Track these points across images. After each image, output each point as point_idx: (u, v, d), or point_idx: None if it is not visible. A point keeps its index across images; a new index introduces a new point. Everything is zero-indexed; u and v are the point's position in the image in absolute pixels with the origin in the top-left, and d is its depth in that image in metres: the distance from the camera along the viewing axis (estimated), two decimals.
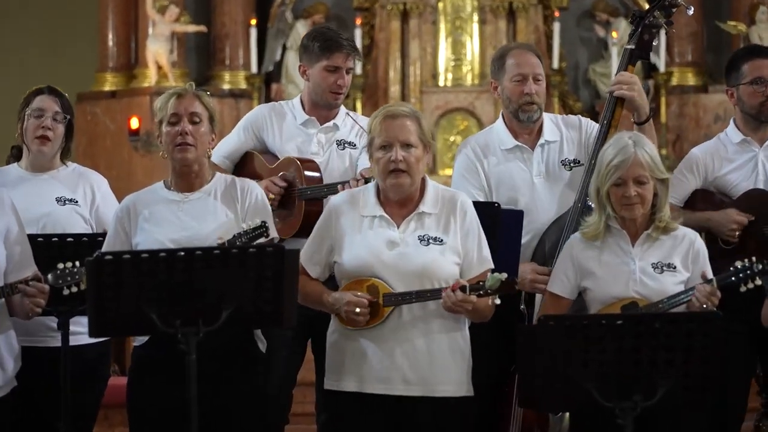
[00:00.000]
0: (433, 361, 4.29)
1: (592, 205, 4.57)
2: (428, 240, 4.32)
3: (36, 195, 5.02)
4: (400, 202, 4.36)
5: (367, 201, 4.39)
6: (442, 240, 4.33)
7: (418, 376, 4.27)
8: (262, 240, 4.35)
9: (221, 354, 4.24)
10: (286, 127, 5.30)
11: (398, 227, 4.33)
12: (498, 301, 4.28)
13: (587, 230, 4.51)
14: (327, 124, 5.28)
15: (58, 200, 5.05)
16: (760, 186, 5.19)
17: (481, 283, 4.21)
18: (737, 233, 5.04)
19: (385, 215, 4.35)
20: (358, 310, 4.23)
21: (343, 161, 5.24)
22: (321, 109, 5.29)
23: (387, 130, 4.31)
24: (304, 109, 5.32)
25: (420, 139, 4.32)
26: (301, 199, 5.09)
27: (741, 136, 5.29)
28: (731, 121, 5.38)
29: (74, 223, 4.96)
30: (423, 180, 4.40)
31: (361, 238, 4.34)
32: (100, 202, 5.07)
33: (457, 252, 4.33)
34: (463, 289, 4.19)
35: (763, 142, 5.26)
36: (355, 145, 5.22)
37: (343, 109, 5.38)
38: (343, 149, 5.22)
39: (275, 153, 5.27)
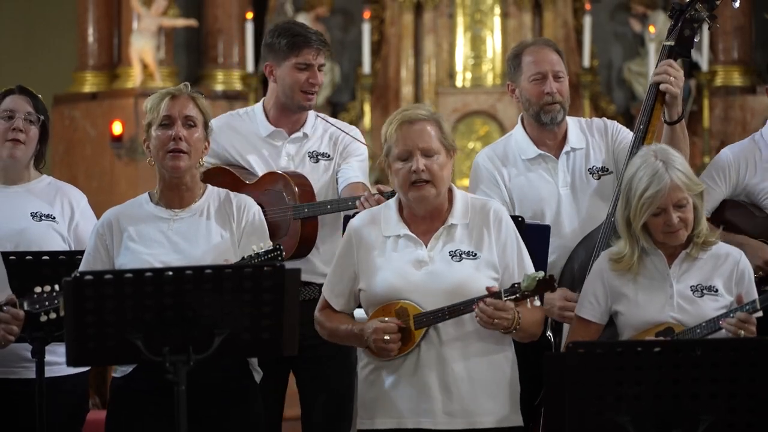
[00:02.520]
0: (475, 388, 4.29)
1: (621, 236, 4.57)
2: (460, 255, 4.33)
3: (9, 209, 5.03)
4: (426, 217, 4.35)
5: (389, 219, 4.39)
6: (475, 254, 4.33)
7: (460, 406, 4.28)
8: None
9: (212, 386, 4.27)
10: (245, 139, 5.28)
11: (426, 245, 4.34)
12: (538, 303, 4.27)
13: (618, 263, 4.51)
14: (296, 134, 5.27)
15: (33, 215, 5.04)
16: None
17: (516, 285, 4.21)
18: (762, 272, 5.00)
19: (411, 233, 4.35)
20: (387, 337, 4.22)
21: (320, 175, 5.22)
22: (290, 114, 5.28)
23: (405, 138, 4.29)
24: (268, 118, 5.30)
25: (442, 143, 4.32)
26: (296, 218, 5.08)
27: None
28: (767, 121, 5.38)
29: (51, 240, 4.96)
30: (450, 190, 4.41)
31: (385, 261, 4.34)
32: (80, 218, 5.06)
33: (493, 266, 4.33)
34: (496, 295, 4.19)
35: None
36: (329, 155, 5.22)
37: (312, 114, 5.35)
38: (317, 162, 5.22)
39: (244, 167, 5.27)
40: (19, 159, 5.08)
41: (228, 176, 5.17)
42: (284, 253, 4.43)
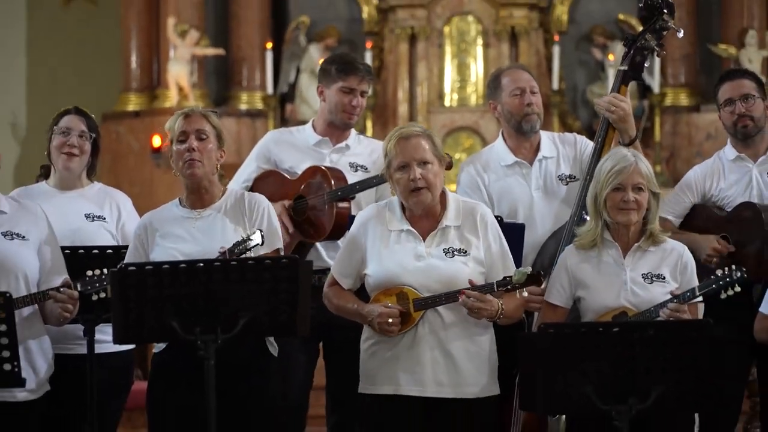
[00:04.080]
0: (462, 363, 4.30)
1: (587, 218, 4.59)
2: (453, 252, 4.33)
3: (66, 211, 4.99)
4: (423, 216, 4.37)
5: (393, 216, 4.39)
6: (465, 251, 4.34)
7: (449, 378, 4.29)
8: (252, 247, 4.32)
9: (236, 358, 4.24)
10: (297, 148, 5.29)
11: (424, 241, 4.35)
12: (525, 294, 4.32)
13: (583, 239, 4.51)
14: (339, 145, 5.27)
15: (86, 216, 5.02)
16: (755, 200, 5.19)
17: (507, 278, 4.23)
18: (714, 260, 5.00)
19: (412, 229, 4.35)
20: (390, 320, 4.24)
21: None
22: (335, 129, 5.28)
23: (403, 151, 4.31)
24: (315, 131, 5.30)
25: (434, 155, 4.33)
26: (333, 200, 5.07)
27: (735, 153, 5.28)
28: (728, 140, 5.40)
29: (101, 238, 4.93)
30: (443, 194, 4.41)
31: (388, 252, 4.35)
32: (126, 219, 5.04)
33: (480, 262, 4.34)
34: (491, 286, 4.23)
35: (756, 158, 5.24)
36: (367, 168, 5.20)
37: (354, 132, 5.37)
38: (356, 171, 5.20)
39: (293, 172, 5.27)
40: (72, 170, 5.07)
41: (277, 176, 5.24)
42: (256, 238, 4.34)
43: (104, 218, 5.04)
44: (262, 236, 4.33)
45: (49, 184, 5.15)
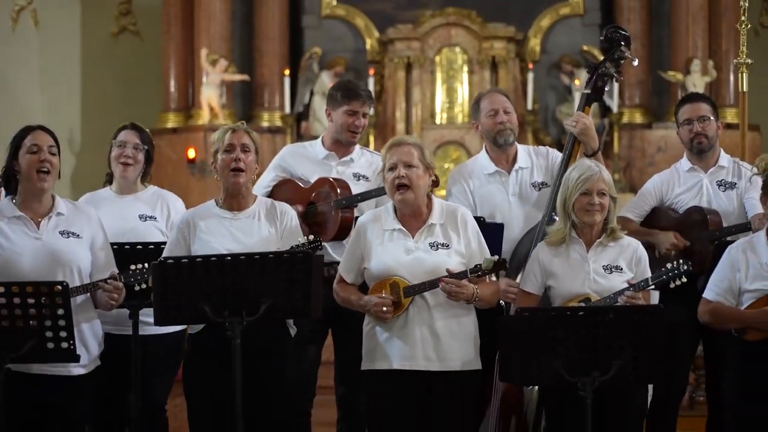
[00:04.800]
0: (447, 341, 4.29)
1: (557, 218, 4.58)
2: (437, 246, 4.33)
3: (123, 213, 4.99)
4: (411, 216, 4.36)
5: (387, 217, 4.39)
6: (448, 245, 4.33)
7: (437, 354, 4.28)
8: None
9: (260, 338, 4.22)
10: (309, 160, 5.28)
11: (413, 237, 4.34)
12: (494, 279, 4.33)
13: (553, 236, 4.50)
14: (344, 158, 5.25)
15: (140, 217, 5.02)
16: (704, 204, 5.20)
17: (478, 266, 4.23)
18: (673, 252, 5.01)
19: (402, 228, 4.35)
20: (384, 309, 4.25)
21: (359, 191, 5.18)
22: (341, 145, 5.27)
23: (393, 155, 4.34)
24: (324, 146, 5.28)
25: (421, 161, 4.33)
26: (337, 208, 5.06)
27: (690, 164, 5.31)
28: (684, 153, 5.40)
29: (152, 236, 4.90)
30: (430, 198, 4.41)
31: (383, 248, 4.35)
32: (175, 218, 5.00)
33: (461, 254, 4.33)
34: (465, 273, 4.22)
35: (707, 169, 5.27)
36: (368, 178, 5.18)
37: (358, 147, 5.35)
38: (359, 180, 5.19)
39: (305, 180, 5.28)
40: (128, 177, 5.07)
41: (291, 184, 5.22)
42: (319, 241, 4.44)
43: (155, 218, 5.03)
44: (320, 241, 4.42)
45: (111, 190, 5.15)
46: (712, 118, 5.29)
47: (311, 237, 4.42)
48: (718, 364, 5.03)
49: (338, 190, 5.08)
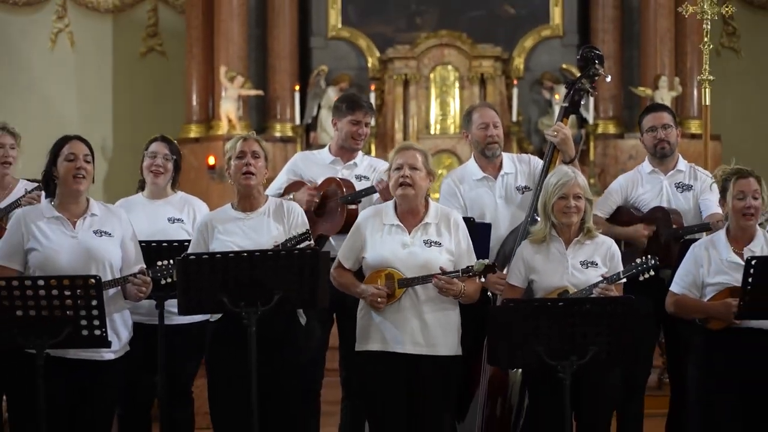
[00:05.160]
0: (434, 329, 4.29)
1: (538, 219, 4.58)
2: (430, 243, 4.33)
3: (153, 216, 4.99)
4: (409, 214, 4.36)
5: (388, 213, 4.39)
6: (440, 243, 4.33)
7: (425, 340, 4.27)
8: (305, 243, 4.34)
9: (273, 326, 4.22)
10: (317, 165, 5.28)
11: (409, 233, 4.34)
12: (483, 280, 4.32)
13: (535, 235, 4.50)
14: (349, 163, 5.26)
15: (169, 219, 5.01)
16: (664, 204, 5.20)
17: (470, 267, 4.23)
18: (645, 242, 5.05)
19: (401, 224, 4.35)
20: (379, 299, 4.24)
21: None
22: (345, 151, 5.27)
23: (401, 157, 4.36)
24: (330, 152, 5.30)
25: (423, 166, 4.35)
26: (343, 203, 5.06)
27: (651, 168, 5.30)
28: (646, 157, 5.40)
29: (180, 236, 4.89)
30: (427, 200, 4.41)
31: (382, 241, 4.34)
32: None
33: (450, 252, 4.32)
34: (457, 273, 4.22)
35: (667, 172, 5.27)
36: (368, 178, 5.18)
37: (360, 153, 5.36)
38: (360, 181, 5.19)
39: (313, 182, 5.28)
40: (158, 184, 5.07)
41: (302, 185, 5.20)
42: (311, 236, 4.40)
43: (183, 221, 5.02)
44: (309, 234, 4.38)
45: (143, 195, 5.14)
46: (673, 126, 5.30)
47: (302, 229, 4.40)
48: (678, 350, 5.05)
49: (344, 189, 5.09)
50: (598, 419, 4.37)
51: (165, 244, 4.72)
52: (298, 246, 4.30)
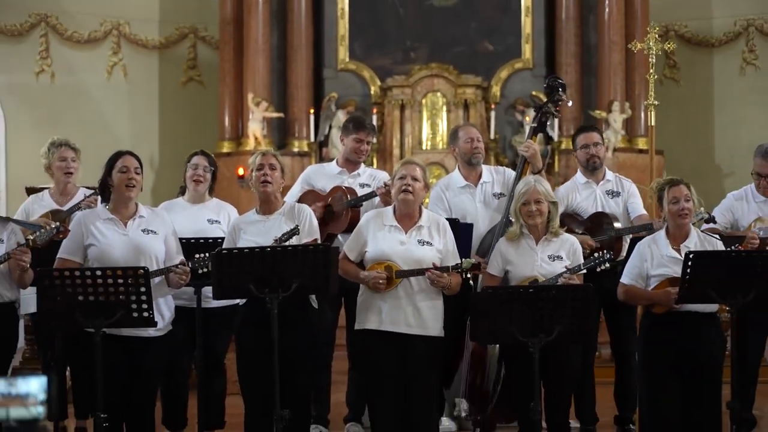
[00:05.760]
0: (424, 313, 4.27)
1: (512, 220, 4.57)
2: (423, 242, 4.31)
3: (195, 218, 5.00)
4: (406, 217, 4.34)
5: (387, 215, 4.38)
6: (431, 243, 4.32)
7: (416, 322, 4.26)
8: (294, 236, 4.29)
9: (291, 309, 4.20)
10: (326, 176, 5.29)
11: (405, 233, 4.32)
12: (469, 275, 4.32)
13: (510, 234, 4.49)
14: (353, 173, 5.27)
15: (208, 221, 5.02)
16: (599, 209, 5.20)
17: (458, 264, 4.22)
18: (588, 249, 5.00)
19: (398, 225, 4.34)
20: (380, 281, 4.23)
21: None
22: (350, 164, 5.29)
23: (404, 169, 4.36)
24: (338, 164, 5.31)
25: (422, 178, 4.36)
26: (348, 207, 5.06)
27: (585, 179, 5.30)
28: (578, 170, 5.40)
29: (217, 234, 4.88)
30: (420, 207, 4.41)
31: (382, 238, 4.33)
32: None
33: (439, 251, 4.31)
34: (447, 268, 4.21)
35: (598, 182, 5.28)
36: (369, 185, 5.18)
37: (363, 165, 5.37)
38: (363, 188, 5.19)
39: (323, 190, 5.26)
40: (199, 191, 5.08)
41: (314, 193, 5.21)
42: (298, 231, 4.32)
43: (219, 222, 5.02)
44: (298, 229, 4.31)
45: (184, 200, 5.15)
46: (601, 143, 5.33)
47: (292, 225, 4.34)
48: (621, 330, 5.11)
49: (348, 196, 5.10)
50: (563, 387, 4.36)
51: (202, 240, 4.72)
52: (289, 239, 4.26)
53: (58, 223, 4.23)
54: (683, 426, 4.27)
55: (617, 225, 5.13)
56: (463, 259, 4.26)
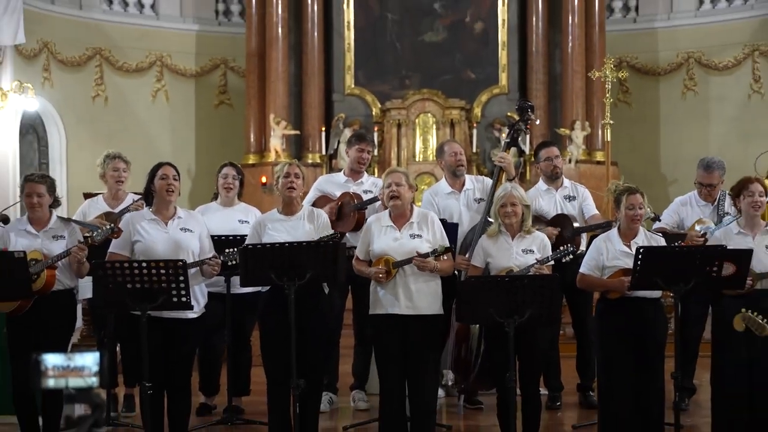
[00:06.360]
0: (421, 295, 4.23)
1: (491, 220, 4.54)
2: (414, 236, 4.27)
3: (227, 219, 5.00)
4: (400, 216, 4.32)
5: (384, 218, 4.35)
6: (421, 236, 4.28)
7: (413, 304, 4.22)
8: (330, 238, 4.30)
9: (306, 295, 4.18)
10: (335, 184, 5.26)
11: (399, 230, 4.30)
12: (445, 257, 4.26)
13: (490, 232, 4.45)
14: (357, 182, 5.24)
15: (239, 221, 5.02)
16: (559, 212, 5.22)
17: (435, 250, 4.20)
18: (554, 239, 4.99)
19: (393, 225, 4.31)
20: (380, 275, 4.21)
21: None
22: (355, 173, 5.26)
23: (389, 177, 4.34)
24: (345, 174, 5.29)
25: (405, 182, 4.31)
26: (355, 210, 5.04)
27: (546, 186, 5.33)
28: (540, 178, 5.37)
29: (245, 232, 4.82)
30: (412, 206, 4.37)
31: (380, 238, 4.30)
32: None
33: (429, 241, 4.27)
34: (426, 254, 4.18)
35: (557, 189, 5.31)
36: (372, 191, 5.15)
37: (366, 174, 5.34)
38: (366, 193, 5.16)
39: (333, 195, 5.24)
40: (230, 196, 5.11)
41: (325, 198, 5.17)
42: (338, 234, 4.36)
43: (248, 222, 5.00)
44: (336, 234, 4.35)
45: (217, 204, 5.16)
46: (560, 156, 5.40)
47: (332, 232, 4.38)
48: (579, 311, 5.15)
49: (355, 200, 5.08)
50: (534, 360, 4.34)
51: (231, 237, 4.71)
52: (329, 240, 4.25)
53: (112, 225, 4.21)
54: (634, 393, 4.25)
55: (576, 224, 5.16)
56: (438, 245, 4.24)
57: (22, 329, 4.22)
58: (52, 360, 1.88)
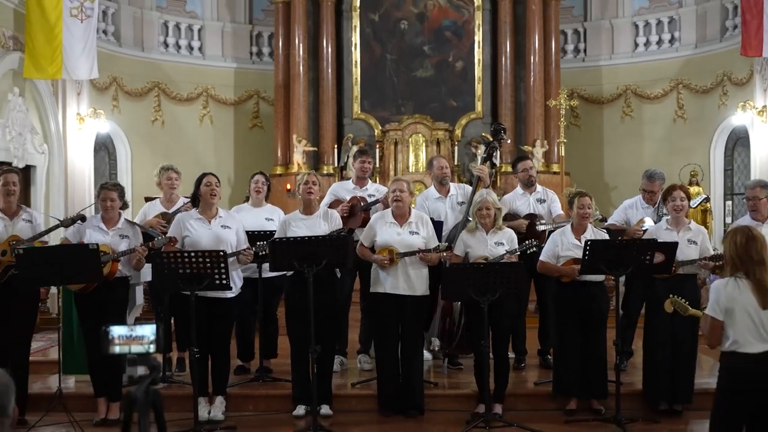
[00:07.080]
0: (415, 280, 4.23)
1: (470, 219, 4.52)
2: (413, 233, 4.28)
3: (258, 217, 4.95)
4: (401, 216, 4.31)
5: (388, 215, 4.34)
6: (418, 233, 4.28)
7: (409, 286, 4.22)
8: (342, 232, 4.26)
9: (322, 277, 4.15)
10: (345, 190, 5.22)
11: (400, 227, 4.28)
12: (445, 254, 4.26)
13: (470, 228, 4.43)
14: (363, 188, 5.21)
15: (267, 219, 4.98)
16: (531, 212, 5.18)
17: (438, 247, 4.21)
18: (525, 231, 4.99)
19: (395, 222, 4.30)
20: (385, 262, 4.19)
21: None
22: (360, 180, 5.23)
23: (394, 185, 4.35)
24: (353, 182, 5.25)
25: (407, 189, 4.32)
26: (362, 210, 5.01)
27: (522, 191, 5.30)
28: (518, 185, 5.37)
29: (272, 228, 4.81)
30: (410, 209, 4.37)
31: (385, 231, 4.29)
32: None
33: (424, 238, 4.28)
34: (429, 250, 4.18)
35: (531, 193, 5.27)
36: (374, 195, 5.12)
37: (369, 182, 5.30)
38: (370, 197, 5.13)
39: (344, 199, 5.22)
40: (259, 199, 5.05)
41: (338, 201, 5.12)
42: (347, 230, 4.33)
43: (273, 220, 4.97)
44: (344, 229, 4.31)
45: (249, 205, 5.11)
46: (534, 167, 5.38)
47: (343, 229, 4.34)
48: (542, 292, 5.09)
49: (362, 203, 5.05)
50: (503, 330, 4.33)
51: (262, 232, 4.69)
52: (338, 234, 4.21)
53: (170, 236, 4.20)
54: (583, 356, 4.26)
55: (543, 221, 5.12)
56: (439, 244, 4.25)
57: (88, 305, 4.22)
58: (117, 331, 1.88)
